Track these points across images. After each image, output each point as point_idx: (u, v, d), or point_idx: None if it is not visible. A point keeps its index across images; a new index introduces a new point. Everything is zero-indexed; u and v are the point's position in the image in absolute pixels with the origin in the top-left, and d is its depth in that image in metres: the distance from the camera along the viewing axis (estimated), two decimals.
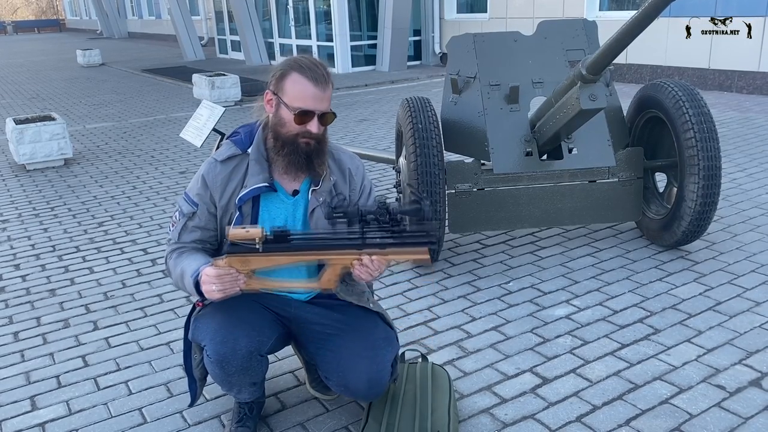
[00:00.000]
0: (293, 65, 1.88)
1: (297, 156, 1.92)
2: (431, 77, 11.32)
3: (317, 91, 1.86)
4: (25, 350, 2.83)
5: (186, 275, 1.90)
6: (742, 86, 8.12)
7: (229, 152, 2.00)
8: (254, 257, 1.79)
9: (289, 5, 13.78)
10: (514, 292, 3.15)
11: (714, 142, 3.13)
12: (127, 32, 29.92)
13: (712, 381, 2.36)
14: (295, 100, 1.87)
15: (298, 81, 1.86)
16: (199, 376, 2.14)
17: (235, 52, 16.79)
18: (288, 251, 1.81)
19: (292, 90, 1.87)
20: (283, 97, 1.89)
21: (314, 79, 1.86)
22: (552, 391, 2.36)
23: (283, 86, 1.88)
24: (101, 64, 16.77)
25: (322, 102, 1.88)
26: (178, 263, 1.96)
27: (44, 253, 3.96)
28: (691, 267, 3.30)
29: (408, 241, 1.77)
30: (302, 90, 1.86)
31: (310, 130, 1.89)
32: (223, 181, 1.98)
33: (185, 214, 2.00)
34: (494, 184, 3.45)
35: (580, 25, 3.68)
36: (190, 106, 9.38)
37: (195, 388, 2.15)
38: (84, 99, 10.79)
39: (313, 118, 1.88)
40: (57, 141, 6.08)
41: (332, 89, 1.94)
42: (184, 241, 2.01)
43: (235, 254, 1.79)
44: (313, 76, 1.86)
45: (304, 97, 1.86)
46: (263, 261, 1.80)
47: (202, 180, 1.99)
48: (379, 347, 2.00)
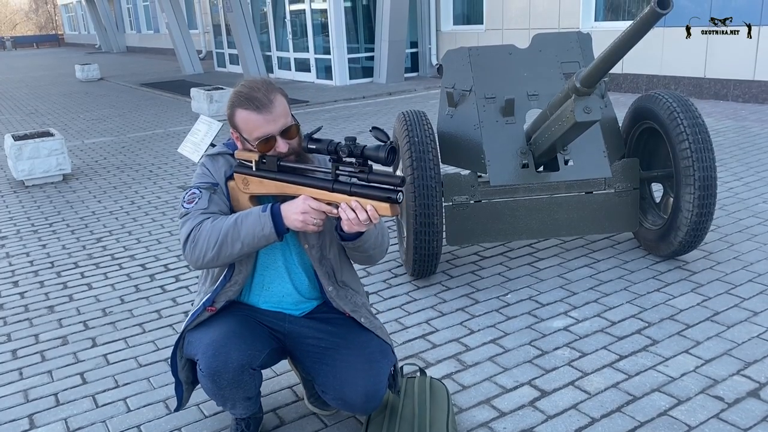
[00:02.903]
0: (234, 101, 1.91)
1: None
2: (428, 89, 11.36)
3: (263, 117, 1.87)
4: (23, 368, 2.82)
5: (251, 215, 1.86)
6: (738, 95, 8.15)
7: (220, 150, 2.07)
8: (252, 178, 1.94)
9: (287, 18, 13.86)
10: (513, 304, 3.15)
11: (709, 152, 3.15)
12: (126, 46, 30.07)
13: (710, 392, 2.36)
14: (250, 133, 1.90)
15: (243, 115, 1.89)
16: (186, 380, 2.13)
17: (234, 66, 16.86)
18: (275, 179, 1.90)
19: (244, 125, 1.91)
20: (242, 134, 1.93)
21: (255, 108, 1.86)
22: (551, 404, 2.36)
23: (237, 124, 1.93)
24: (100, 78, 16.84)
25: (275, 123, 1.89)
26: (223, 220, 1.90)
27: (43, 270, 3.96)
28: (689, 277, 3.31)
29: (372, 192, 1.75)
30: (250, 122, 1.88)
31: (281, 151, 1.92)
32: (225, 172, 2.03)
33: (207, 188, 1.98)
34: (491, 197, 3.46)
35: (574, 38, 3.71)
36: (189, 121, 9.41)
37: (181, 391, 2.15)
38: (82, 114, 10.83)
39: (275, 140, 1.91)
40: (56, 157, 6.10)
41: (283, 100, 1.92)
42: (211, 211, 1.96)
43: (239, 173, 1.96)
44: (255, 105, 1.86)
45: (257, 127, 1.88)
46: (257, 184, 1.94)
47: (207, 170, 2.03)
48: (375, 360, 2.00)
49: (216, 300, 2.04)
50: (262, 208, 1.87)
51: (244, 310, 2.08)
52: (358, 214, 1.76)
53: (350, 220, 1.77)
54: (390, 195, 1.73)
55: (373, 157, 1.74)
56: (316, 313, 2.14)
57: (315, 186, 1.84)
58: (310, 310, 2.15)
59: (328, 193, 1.82)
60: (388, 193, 1.74)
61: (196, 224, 1.92)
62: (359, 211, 1.76)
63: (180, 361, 2.09)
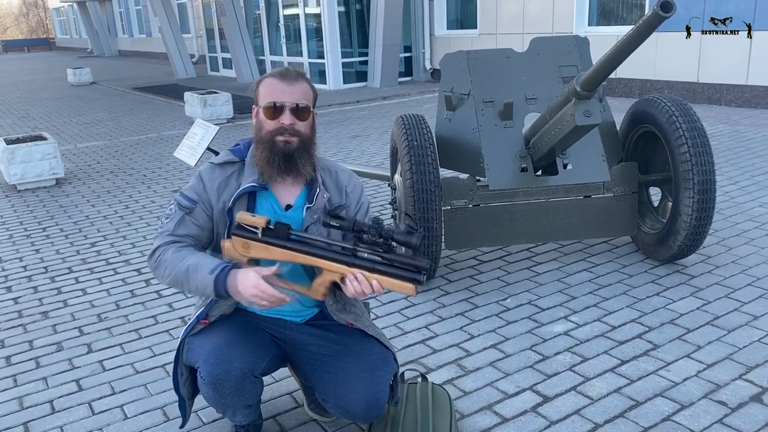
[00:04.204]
0: (266, 74, 1.99)
1: (273, 154, 1.93)
2: (422, 93, 11.36)
3: (284, 85, 1.91)
4: (17, 375, 2.78)
5: (200, 270, 1.84)
6: (731, 99, 8.19)
7: (226, 158, 2.04)
8: (255, 244, 1.84)
9: (280, 23, 13.84)
10: (512, 308, 3.14)
11: (708, 156, 3.15)
12: (118, 50, 29.96)
13: (713, 397, 2.35)
14: (265, 98, 1.93)
15: (267, 83, 1.95)
16: (187, 395, 2.10)
17: (227, 70, 16.82)
18: (284, 246, 1.83)
19: (263, 92, 1.95)
20: (258, 103, 1.96)
21: (281, 76, 1.94)
22: (553, 409, 2.34)
23: (258, 93, 1.97)
24: (92, 82, 16.75)
25: (291, 95, 1.91)
26: (182, 257, 1.90)
27: (36, 275, 3.92)
28: (688, 281, 3.30)
29: (397, 271, 1.77)
30: (270, 87, 1.94)
31: (283, 123, 1.91)
32: (220, 186, 1.99)
33: (183, 207, 1.99)
34: (490, 200, 3.45)
35: (572, 42, 3.71)
36: (182, 125, 9.37)
37: (185, 407, 2.12)
38: (75, 118, 10.76)
39: (284, 110, 1.91)
40: (48, 161, 6.05)
41: (310, 88, 1.97)
42: (179, 234, 1.97)
43: (240, 236, 1.85)
44: (281, 74, 1.94)
45: (272, 92, 1.92)
46: (261, 250, 1.84)
47: (201, 181, 2.01)
48: (377, 368, 1.97)
49: (210, 314, 2.01)
50: (212, 267, 1.83)
51: (244, 316, 2.05)
52: (363, 287, 1.78)
53: (355, 291, 1.79)
54: (415, 277, 1.75)
55: (404, 243, 1.77)
56: (317, 319, 2.12)
57: (332, 259, 1.81)
58: (311, 317, 2.12)
59: (346, 267, 1.79)
60: (413, 275, 1.76)
61: (163, 244, 1.96)
62: (364, 285, 1.78)
63: (181, 378, 2.06)
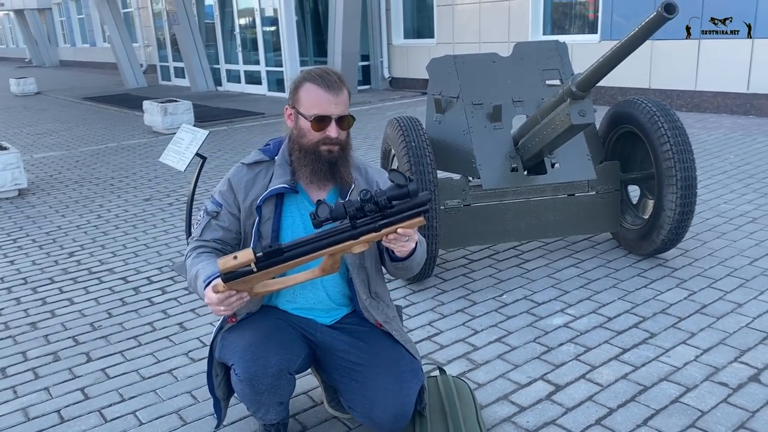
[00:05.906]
0: (306, 76, 1.96)
1: (320, 164, 1.95)
2: (383, 101, 11.46)
3: (330, 96, 1.91)
4: (16, 386, 2.69)
5: (200, 278, 1.87)
6: (681, 104, 8.57)
7: (256, 157, 2.06)
8: (253, 277, 1.70)
9: (236, 31, 13.73)
10: (510, 304, 3.22)
11: (689, 153, 3.31)
12: (59, 60, 29.06)
13: (714, 379, 2.48)
14: (311, 108, 1.92)
15: (311, 89, 1.92)
16: (222, 396, 2.10)
17: (179, 79, 16.55)
18: (284, 263, 1.72)
19: (306, 99, 1.93)
20: (299, 108, 1.95)
21: (326, 86, 1.91)
22: (567, 396, 2.42)
23: (299, 98, 1.95)
24: (37, 92, 16.22)
25: (337, 106, 1.92)
26: (195, 263, 1.95)
27: (16, 286, 3.79)
28: (672, 273, 3.46)
29: (401, 216, 1.69)
30: (315, 97, 1.91)
31: (330, 135, 1.93)
32: (248, 184, 2.01)
33: (210, 212, 2.03)
34: (482, 200, 3.53)
35: (553, 47, 3.84)
36: (142, 134, 9.19)
37: (220, 408, 2.11)
38: (25, 128, 10.40)
39: (331, 122, 1.92)
40: (11, 171, 5.84)
41: (349, 95, 1.98)
42: (205, 239, 2.02)
43: (234, 280, 1.69)
44: (325, 82, 1.92)
45: (319, 104, 1.91)
46: (262, 277, 1.72)
47: (228, 182, 2.04)
48: (406, 380, 1.98)
49: (237, 312, 2.01)
50: (206, 277, 1.83)
51: (276, 313, 2.05)
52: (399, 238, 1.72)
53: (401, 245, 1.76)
54: (420, 210, 1.68)
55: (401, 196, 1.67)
56: (346, 323, 2.12)
57: (334, 242, 1.71)
58: (340, 318, 2.13)
59: (352, 241, 1.71)
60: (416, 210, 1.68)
61: (189, 251, 2.03)
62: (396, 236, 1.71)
63: (216, 379, 2.05)
